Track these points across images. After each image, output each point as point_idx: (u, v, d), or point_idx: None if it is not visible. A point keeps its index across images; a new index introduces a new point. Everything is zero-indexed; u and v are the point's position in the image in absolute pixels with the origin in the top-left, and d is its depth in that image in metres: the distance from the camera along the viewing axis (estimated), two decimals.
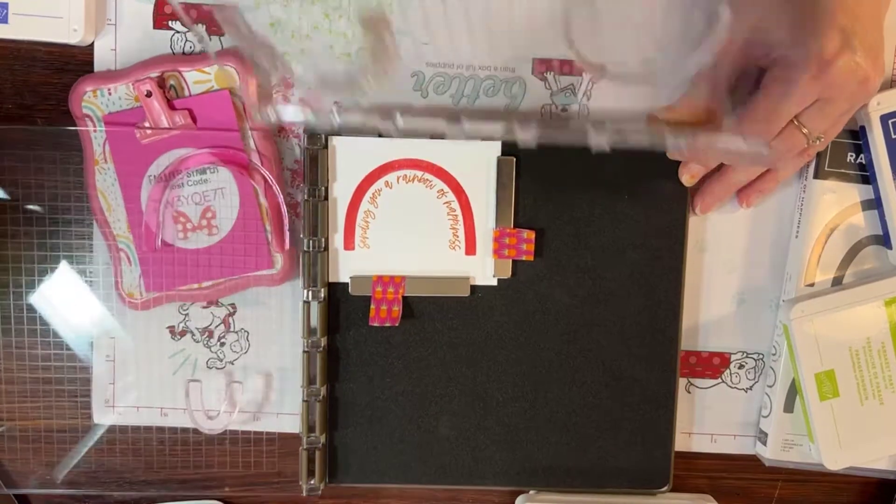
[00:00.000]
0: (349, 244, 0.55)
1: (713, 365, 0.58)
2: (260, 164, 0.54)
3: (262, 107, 0.38)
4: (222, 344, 0.57)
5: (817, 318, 0.54)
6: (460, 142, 0.54)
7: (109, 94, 0.53)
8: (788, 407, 0.56)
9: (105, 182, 0.54)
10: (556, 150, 0.54)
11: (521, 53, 0.55)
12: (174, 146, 0.53)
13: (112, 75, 0.53)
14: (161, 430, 0.57)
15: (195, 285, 0.55)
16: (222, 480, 0.58)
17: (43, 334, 0.56)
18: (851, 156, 0.54)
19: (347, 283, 0.55)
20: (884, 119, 0.52)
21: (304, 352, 0.54)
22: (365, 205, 0.55)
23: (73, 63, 0.55)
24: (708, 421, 0.58)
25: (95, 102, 0.53)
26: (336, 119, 0.42)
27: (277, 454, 0.58)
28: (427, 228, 0.55)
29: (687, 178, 0.53)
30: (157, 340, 0.57)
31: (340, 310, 0.55)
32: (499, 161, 0.54)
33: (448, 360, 0.56)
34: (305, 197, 0.54)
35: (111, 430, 0.57)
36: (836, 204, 0.55)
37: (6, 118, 0.55)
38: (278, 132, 0.56)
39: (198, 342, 0.57)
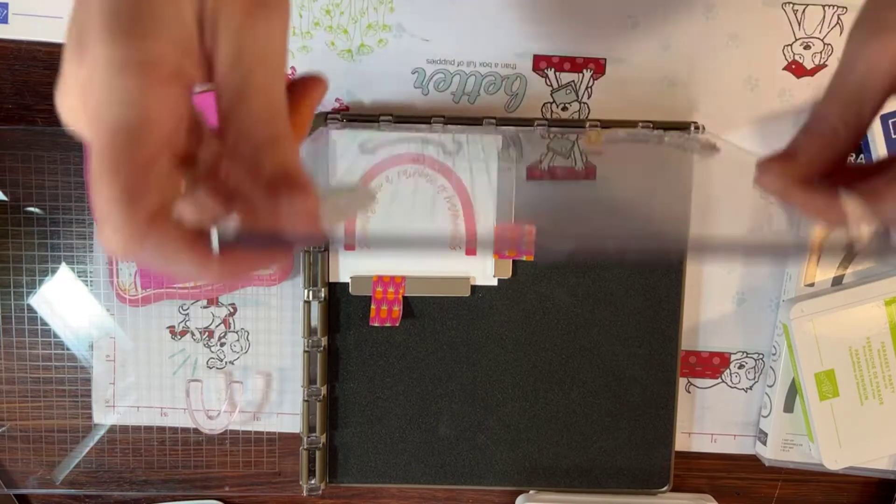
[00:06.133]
0: (349, 244, 0.55)
1: (713, 365, 0.58)
2: None
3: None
4: (222, 344, 0.57)
5: (817, 317, 0.54)
6: (461, 138, 0.54)
7: None
8: (788, 407, 0.56)
9: None
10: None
11: (522, 49, 0.55)
12: None
13: None
14: (161, 430, 0.57)
15: (190, 283, 0.55)
16: (222, 480, 0.58)
17: (43, 334, 0.56)
18: (851, 156, 0.54)
19: (348, 283, 0.55)
20: (884, 119, 0.52)
21: (304, 352, 0.54)
22: None
23: None
24: (708, 421, 0.58)
25: None
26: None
27: (277, 454, 0.58)
28: (427, 227, 0.55)
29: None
30: (157, 340, 0.57)
31: (341, 310, 0.55)
32: (500, 158, 0.54)
33: (448, 360, 0.56)
34: None
35: (111, 430, 0.57)
36: None
37: (6, 118, 0.55)
38: None
39: (198, 342, 0.57)
